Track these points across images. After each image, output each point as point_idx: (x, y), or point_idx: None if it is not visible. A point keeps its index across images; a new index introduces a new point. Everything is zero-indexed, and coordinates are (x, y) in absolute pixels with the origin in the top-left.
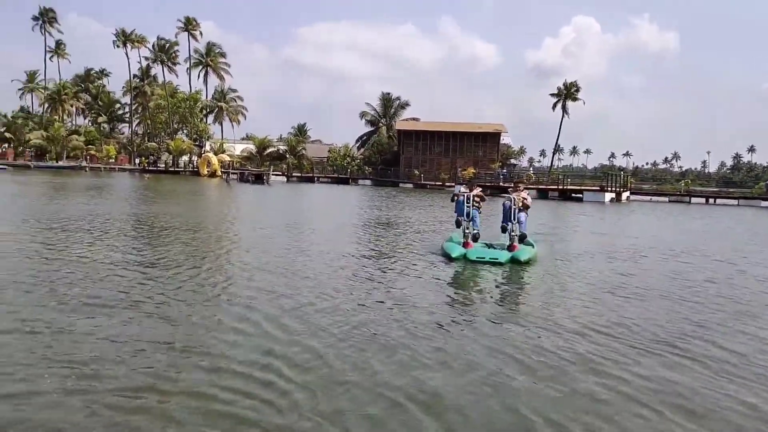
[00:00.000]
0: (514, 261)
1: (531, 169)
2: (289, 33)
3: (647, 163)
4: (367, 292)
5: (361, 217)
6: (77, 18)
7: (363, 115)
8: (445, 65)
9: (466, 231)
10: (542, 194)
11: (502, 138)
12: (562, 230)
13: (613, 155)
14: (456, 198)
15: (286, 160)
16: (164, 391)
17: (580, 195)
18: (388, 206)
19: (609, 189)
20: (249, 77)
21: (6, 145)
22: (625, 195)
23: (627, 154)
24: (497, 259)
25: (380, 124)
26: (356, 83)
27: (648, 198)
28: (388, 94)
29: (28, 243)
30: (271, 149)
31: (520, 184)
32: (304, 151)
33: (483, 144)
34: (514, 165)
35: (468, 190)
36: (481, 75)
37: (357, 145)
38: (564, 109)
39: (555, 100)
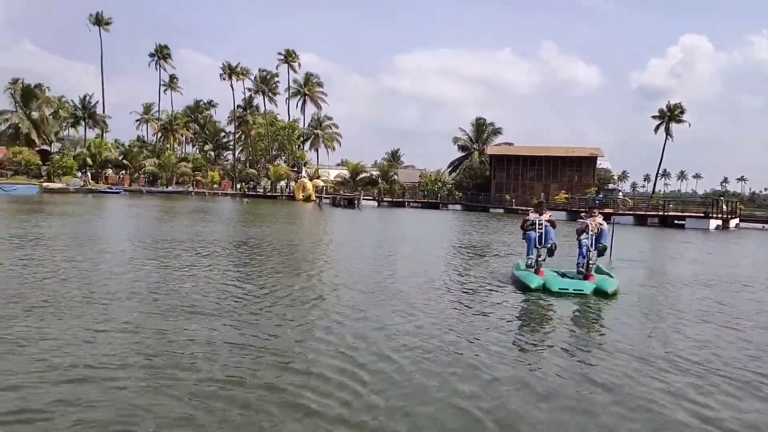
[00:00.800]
0: (599, 293)
1: (633, 194)
2: (386, 62)
3: (765, 189)
4: (452, 315)
5: (449, 241)
6: (190, 53)
7: (456, 140)
8: (542, 88)
9: (540, 259)
10: (640, 220)
11: (599, 162)
12: (659, 258)
13: (726, 180)
14: (526, 226)
15: (377, 185)
16: (248, 384)
17: (682, 222)
18: (477, 231)
19: (714, 215)
20: (347, 105)
21: (123, 171)
22: (733, 222)
23: (742, 179)
24: (582, 290)
25: (472, 149)
26: (451, 108)
27: (761, 226)
28: (482, 119)
29: (142, 259)
30: (363, 174)
31: (594, 209)
32: (395, 176)
33: (578, 168)
34: (612, 190)
35: (537, 215)
36: (582, 98)
37: (449, 169)
38: (667, 131)
39: (658, 122)
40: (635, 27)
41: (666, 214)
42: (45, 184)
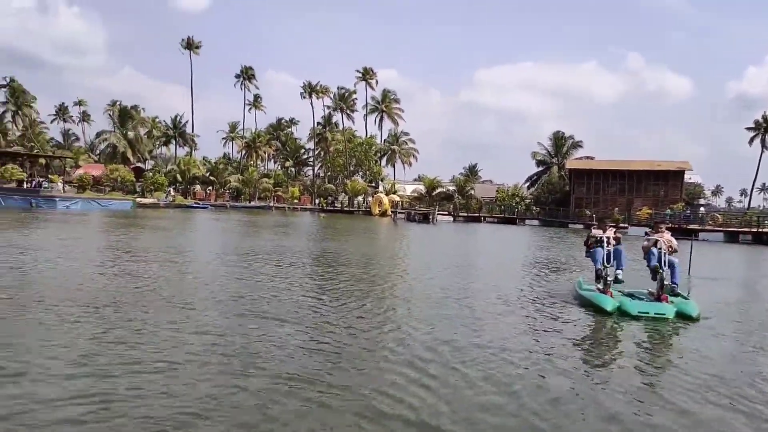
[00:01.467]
0: (682, 316)
1: (728, 209)
2: (466, 77)
3: None
4: (521, 330)
5: (525, 257)
6: (274, 74)
7: (534, 154)
8: (627, 100)
9: (609, 279)
10: (731, 237)
11: (687, 176)
12: (747, 277)
13: None
14: (591, 242)
15: (453, 200)
16: (320, 385)
17: None
18: (555, 246)
19: None
20: (425, 120)
21: (210, 187)
22: None
23: None
24: (664, 314)
25: (551, 163)
26: (531, 122)
27: None
28: (560, 132)
29: (226, 269)
30: (439, 189)
31: (661, 225)
32: (472, 191)
33: (664, 183)
34: (702, 205)
35: (602, 231)
36: (671, 108)
37: (527, 184)
38: (763, 144)
39: (753, 134)
40: (730, 33)
41: (760, 230)
42: (138, 199)
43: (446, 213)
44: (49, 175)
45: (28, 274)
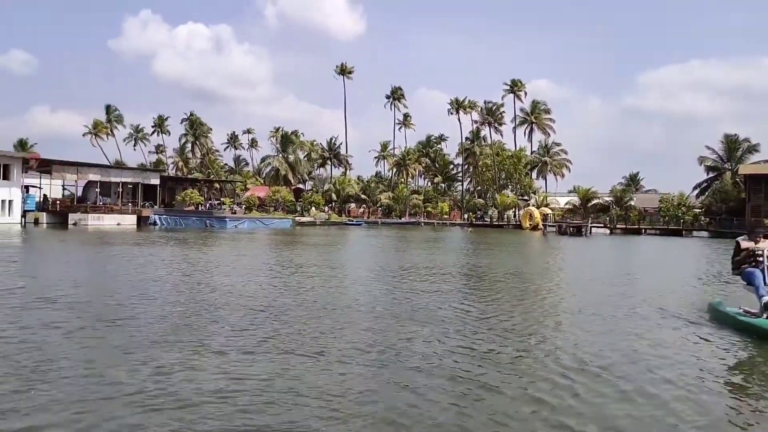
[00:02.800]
0: None
1: None
2: (628, 81)
3: None
4: (675, 349)
5: (693, 273)
6: (426, 91)
7: (701, 160)
8: None
9: (765, 299)
10: None
11: None
12: None
13: None
14: (743, 259)
15: (609, 211)
16: (468, 383)
17: None
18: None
19: None
20: (582, 129)
21: (363, 205)
22: None
23: None
24: None
25: (723, 169)
26: (702, 125)
27: None
28: (733, 135)
29: (380, 281)
30: (595, 201)
31: (757, 229)
32: (631, 202)
33: None
34: None
35: (752, 243)
36: None
37: (695, 192)
38: None
39: None
40: None
41: None
42: (297, 218)
43: (602, 225)
44: (221, 198)
45: (210, 286)
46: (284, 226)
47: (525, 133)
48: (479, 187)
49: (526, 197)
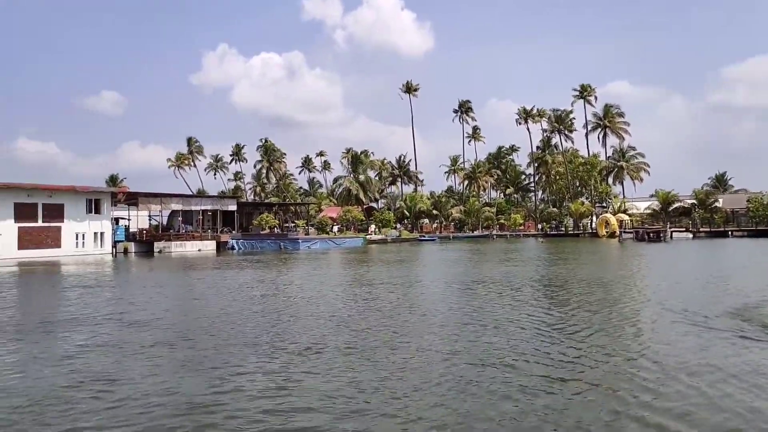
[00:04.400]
0: None
1: None
2: (713, 76)
3: None
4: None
5: None
6: (496, 102)
7: None
8: None
9: None
10: None
11: None
12: None
13: None
14: None
15: (692, 215)
16: (569, 381)
17: None
18: None
19: None
20: (664, 130)
21: (436, 220)
22: None
23: None
24: None
25: None
26: None
27: None
28: None
29: (457, 293)
30: (677, 204)
31: None
32: (717, 203)
33: None
34: None
35: None
36: None
37: None
38: None
39: None
40: None
41: None
42: (368, 236)
43: (683, 229)
44: (295, 221)
45: (291, 302)
46: (356, 244)
47: (599, 138)
48: (553, 197)
49: (603, 204)
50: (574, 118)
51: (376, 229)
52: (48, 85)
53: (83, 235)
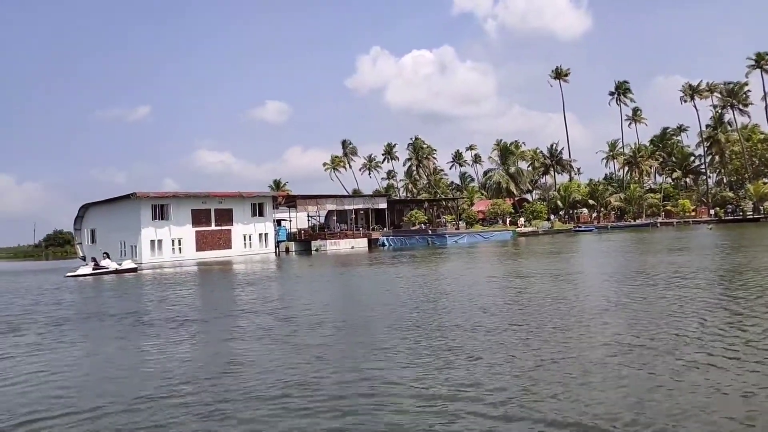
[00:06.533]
0: None
1: None
2: None
3: None
4: None
5: None
6: (663, 79)
7: None
8: None
9: None
10: None
11: None
12: None
13: None
14: None
15: None
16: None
17: None
18: None
19: None
20: None
21: (593, 209)
22: None
23: None
24: None
25: None
26: None
27: None
28: None
29: (618, 288)
30: None
31: None
32: None
33: None
34: None
35: None
36: None
37: None
38: None
39: None
40: None
41: None
42: (518, 229)
43: None
44: (443, 216)
45: (444, 296)
46: (504, 238)
47: None
48: (728, 179)
49: None
50: (749, 91)
51: (526, 222)
52: (220, 100)
53: (250, 236)
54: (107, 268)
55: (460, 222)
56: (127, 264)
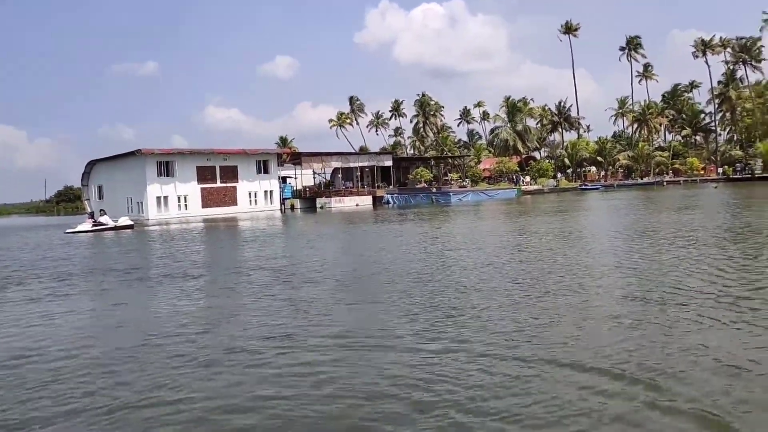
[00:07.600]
0: None
1: None
2: None
3: None
4: None
5: None
6: (679, 32)
7: None
8: None
9: None
10: None
11: None
12: None
13: None
14: None
15: None
16: None
17: None
18: None
19: None
20: None
21: (602, 168)
22: None
23: None
24: None
25: None
26: None
27: None
28: None
29: (625, 249)
30: None
31: None
32: None
33: None
34: None
35: None
36: None
37: None
38: None
39: None
40: None
41: None
42: (523, 187)
43: None
44: (449, 174)
45: (449, 258)
46: (509, 196)
47: None
48: (739, 137)
49: None
50: (762, 46)
51: (531, 180)
52: (228, 56)
53: (255, 193)
54: (106, 225)
55: (466, 180)
56: (124, 221)
